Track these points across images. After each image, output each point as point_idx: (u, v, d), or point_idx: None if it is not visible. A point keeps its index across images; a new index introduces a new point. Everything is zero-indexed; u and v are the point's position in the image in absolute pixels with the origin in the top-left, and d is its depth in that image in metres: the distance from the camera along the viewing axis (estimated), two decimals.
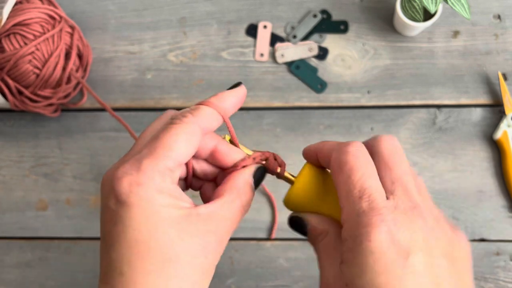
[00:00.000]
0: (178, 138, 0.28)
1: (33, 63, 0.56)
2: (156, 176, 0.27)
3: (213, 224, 0.28)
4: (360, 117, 0.61)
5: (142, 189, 0.26)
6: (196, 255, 0.27)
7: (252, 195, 0.31)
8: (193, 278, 0.27)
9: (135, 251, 0.26)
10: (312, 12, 0.63)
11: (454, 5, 0.54)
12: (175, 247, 0.27)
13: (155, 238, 0.26)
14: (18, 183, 0.63)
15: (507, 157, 0.58)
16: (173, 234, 0.27)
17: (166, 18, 0.65)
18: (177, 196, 0.28)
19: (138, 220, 0.26)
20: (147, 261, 0.26)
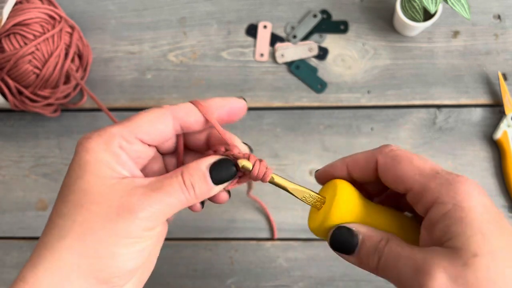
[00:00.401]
0: (144, 116, 0.30)
1: (33, 63, 0.56)
2: (105, 135, 0.29)
3: (143, 191, 0.28)
4: (360, 117, 0.61)
5: (88, 142, 0.29)
6: (109, 212, 0.27)
7: (206, 186, 0.30)
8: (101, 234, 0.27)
9: (60, 195, 0.29)
10: (312, 12, 0.63)
11: (454, 5, 0.54)
12: (92, 198, 0.28)
13: (76, 183, 0.28)
14: (18, 183, 0.63)
15: (507, 157, 0.58)
16: (95, 187, 0.28)
17: (166, 18, 0.65)
18: (120, 162, 0.29)
19: (73, 167, 0.29)
20: (64, 204, 0.28)
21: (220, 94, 0.62)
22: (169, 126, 0.31)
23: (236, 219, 0.61)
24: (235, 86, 0.62)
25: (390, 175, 0.29)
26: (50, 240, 0.27)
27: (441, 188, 0.27)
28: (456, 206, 0.26)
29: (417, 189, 0.27)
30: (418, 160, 0.28)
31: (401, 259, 0.26)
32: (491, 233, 0.25)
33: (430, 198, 0.27)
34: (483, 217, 0.25)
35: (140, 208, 0.27)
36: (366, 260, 0.29)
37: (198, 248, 0.61)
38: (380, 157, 0.30)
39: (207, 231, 0.61)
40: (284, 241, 0.60)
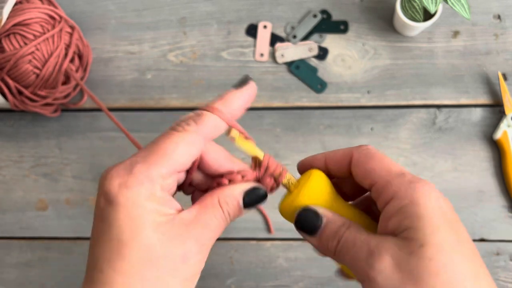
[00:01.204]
0: (177, 147, 0.28)
1: (33, 63, 0.56)
2: (146, 182, 0.27)
3: (193, 228, 0.29)
4: (360, 117, 0.61)
5: (130, 192, 0.27)
6: (175, 260, 0.28)
7: (239, 212, 0.31)
8: (171, 283, 0.28)
9: (115, 250, 0.27)
10: (312, 12, 0.63)
11: (454, 5, 0.54)
12: (155, 250, 0.27)
13: (136, 239, 0.27)
14: (18, 183, 0.63)
15: (507, 157, 0.58)
16: (154, 238, 0.27)
17: (166, 18, 0.65)
18: (164, 203, 0.28)
19: (123, 221, 0.27)
20: (126, 261, 0.27)
21: (220, 94, 0.62)
22: (201, 149, 0.30)
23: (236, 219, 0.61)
24: None
25: (360, 170, 0.30)
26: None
27: (401, 185, 0.28)
28: (412, 202, 0.27)
29: (380, 184, 0.29)
30: (389, 160, 0.30)
31: (357, 242, 0.28)
32: (440, 228, 0.26)
33: (390, 193, 0.28)
34: (435, 214, 0.27)
35: (198, 250, 0.28)
36: (326, 242, 0.30)
37: None
38: (355, 153, 0.31)
39: None
40: (284, 241, 0.60)
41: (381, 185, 0.29)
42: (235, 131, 0.31)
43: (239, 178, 0.31)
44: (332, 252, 0.30)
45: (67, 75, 0.58)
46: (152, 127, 0.62)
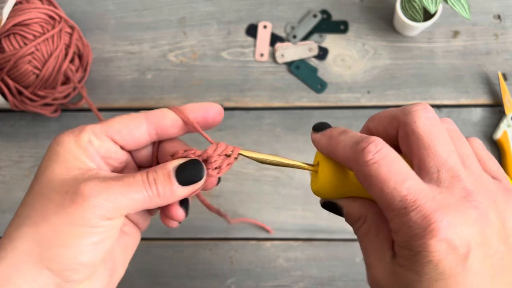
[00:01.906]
0: (119, 117, 0.31)
1: (33, 63, 0.56)
2: (77, 131, 0.30)
3: (101, 180, 0.27)
4: (360, 117, 0.61)
5: (60, 136, 0.30)
6: (64, 198, 0.27)
7: (169, 184, 0.28)
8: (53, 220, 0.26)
9: (31, 185, 0.29)
10: (312, 12, 0.63)
11: (454, 5, 0.54)
12: (51, 185, 0.28)
13: (44, 173, 0.28)
14: (18, 183, 0.63)
15: (507, 157, 0.58)
16: (58, 174, 0.28)
17: (166, 18, 0.65)
18: (88, 155, 0.29)
19: (43, 159, 0.29)
20: (29, 193, 0.28)
21: (220, 94, 0.62)
22: (143, 128, 0.31)
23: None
24: (235, 86, 0.62)
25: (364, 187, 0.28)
26: (9, 229, 0.27)
27: None
28: None
29: None
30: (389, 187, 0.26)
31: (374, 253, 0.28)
32: None
33: None
34: None
35: (95, 194, 0.27)
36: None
37: (198, 248, 0.61)
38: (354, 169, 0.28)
39: (207, 231, 0.61)
40: (284, 241, 0.60)
41: None
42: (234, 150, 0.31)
43: (180, 152, 0.30)
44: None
45: (67, 75, 0.58)
46: None
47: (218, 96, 0.62)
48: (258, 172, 0.61)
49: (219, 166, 0.31)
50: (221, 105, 0.34)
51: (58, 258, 0.26)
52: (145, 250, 0.61)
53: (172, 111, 0.32)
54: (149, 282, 0.61)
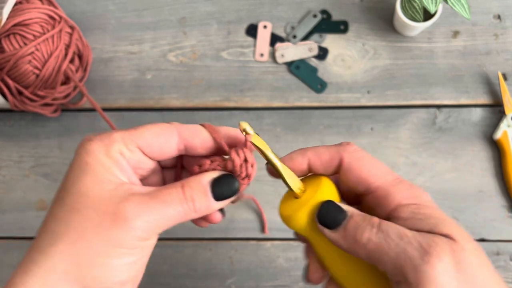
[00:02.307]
0: (149, 127, 0.30)
1: (33, 64, 0.56)
2: (106, 140, 0.28)
3: (138, 197, 0.27)
4: (360, 117, 0.61)
5: (89, 144, 0.28)
6: (103, 217, 0.26)
7: (206, 201, 0.29)
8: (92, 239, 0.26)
9: (57, 197, 0.28)
10: (312, 12, 0.63)
11: (454, 5, 0.54)
12: (86, 200, 0.27)
13: (75, 185, 0.27)
14: (18, 183, 0.63)
15: (507, 157, 0.58)
16: (91, 188, 0.27)
17: (166, 18, 0.65)
18: (119, 167, 0.28)
19: (72, 168, 0.28)
20: (60, 206, 0.28)
21: (220, 94, 0.62)
22: (173, 142, 0.30)
23: (236, 219, 0.61)
24: (235, 86, 0.62)
25: (354, 175, 0.30)
26: (43, 244, 0.27)
27: (402, 193, 0.28)
28: (420, 206, 0.27)
29: (380, 193, 0.29)
30: (380, 165, 0.30)
31: (404, 235, 0.26)
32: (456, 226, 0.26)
33: (393, 201, 0.28)
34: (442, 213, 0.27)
35: (135, 216, 0.26)
36: (353, 232, 0.27)
37: (198, 248, 0.61)
38: (346, 156, 0.30)
39: (207, 231, 0.61)
40: (284, 241, 0.60)
41: (381, 195, 0.29)
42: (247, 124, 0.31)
43: (207, 163, 0.30)
44: (362, 244, 0.27)
45: (67, 75, 0.58)
46: None
47: (218, 96, 0.62)
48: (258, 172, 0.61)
49: (248, 174, 0.31)
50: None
51: (95, 278, 0.26)
52: None
53: (207, 129, 0.31)
54: (149, 282, 0.61)
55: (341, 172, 0.30)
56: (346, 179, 0.30)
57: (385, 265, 0.26)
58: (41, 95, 0.58)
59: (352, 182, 0.30)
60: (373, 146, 0.60)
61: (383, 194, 0.28)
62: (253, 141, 0.31)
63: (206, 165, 0.30)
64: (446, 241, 0.25)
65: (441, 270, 0.24)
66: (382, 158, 0.60)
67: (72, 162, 0.28)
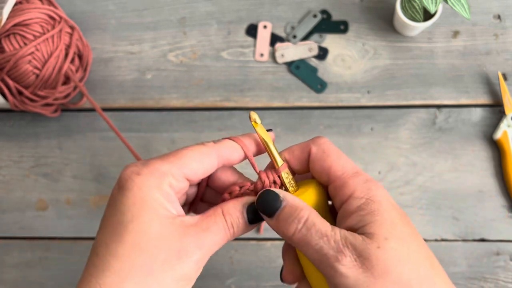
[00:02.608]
0: (191, 153, 0.31)
1: (33, 64, 0.56)
2: (156, 173, 0.29)
3: (193, 230, 0.29)
4: (360, 117, 0.61)
5: (139, 178, 0.29)
6: (169, 254, 0.28)
7: (243, 225, 0.31)
8: (160, 276, 0.27)
9: (114, 233, 0.28)
10: (312, 12, 0.63)
11: (454, 5, 0.54)
12: (150, 238, 0.28)
13: (135, 223, 0.28)
14: (18, 183, 0.63)
15: (507, 157, 0.58)
16: (153, 226, 0.28)
17: (166, 18, 0.65)
18: (169, 200, 0.29)
19: (127, 204, 0.28)
20: (121, 244, 0.28)
21: (220, 94, 0.62)
22: (214, 164, 0.32)
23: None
24: (235, 86, 0.62)
25: (318, 166, 0.31)
26: (108, 282, 0.27)
27: (358, 184, 0.30)
28: (369, 200, 0.29)
29: (338, 183, 0.30)
30: (345, 158, 0.31)
31: (324, 237, 0.28)
32: (398, 222, 0.28)
33: (347, 192, 0.30)
34: (391, 210, 0.29)
35: (196, 249, 0.28)
36: (283, 224, 0.30)
37: None
38: (313, 147, 0.32)
39: None
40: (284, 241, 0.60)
41: (339, 184, 0.30)
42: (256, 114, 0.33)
43: (237, 189, 0.33)
44: (289, 235, 0.30)
45: (67, 75, 0.58)
46: (152, 127, 0.62)
47: (218, 96, 0.62)
48: None
49: None
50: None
51: None
52: None
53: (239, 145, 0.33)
54: None
55: (309, 163, 0.32)
56: (312, 169, 0.32)
57: (309, 257, 0.29)
58: (42, 95, 0.58)
59: (317, 172, 0.32)
60: (373, 146, 0.60)
61: (340, 184, 0.30)
62: (258, 131, 0.33)
63: (236, 192, 0.33)
64: (361, 237, 0.28)
65: (349, 263, 0.27)
66: (382, 158, 0.60)
67: (123, 196, 0.29)
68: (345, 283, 0.27)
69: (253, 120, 0.33)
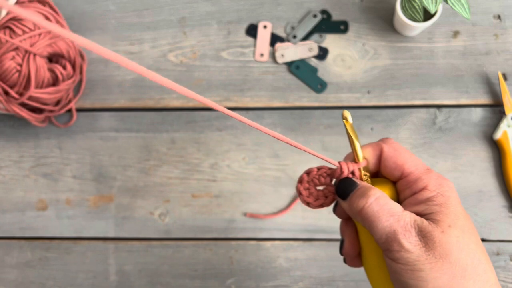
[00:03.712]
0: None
1: (16, 60, 0.54)
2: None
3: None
4: (360, 117, 0.61)
5: None
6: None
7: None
8: None
9: None
10: (312, 12, 0.63)
11: (454, 5, 0.54)
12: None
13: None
14: (18, 183, 0.63)
15: (507, 157, 0.58)
16: None
17: (166, 18, 0.65)
18: None
19: None
20: None
21: (220, 94, 0.62)
22: None
23: (236, 219, 0.61)
24: (235, 86, 0.62)
25: (392, 163, 0.34)
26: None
27: (431, 180, 0.33)
28: (439, 194, 0.32)
29: (412, 177, 0.33)
30: (414, 156, 0.35)
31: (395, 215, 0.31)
32: (461, 217, 0.31)
33: (421, 185, 0.33)
34: (457, 205, 0.32)
35: None
36: (355, 200, 0.32)
37: (198, 248, 0.61)
38: (385, 146, 0.34)
39: (207, 231, 0.61)
40: (284, 241, 0.60)
41: (412, 179, 0.33)
42: (349, 113, 0.35)
43: (315, 170, 0.35)
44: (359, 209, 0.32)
45: (56, 76, 0.58)
46: (152, 127, 0.62)
47: (218, 96, 0.62)
48: (258, 172, 0.61)
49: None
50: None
51: None
52: (145, 250, 0.61)
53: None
54: (149, 282, 0.61)
55: (381, 160, 0.35)
56: (385, 166, 0.34)
57: (376, 231, 0.31)
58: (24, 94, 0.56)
59: (390, 168, 0.34)
60: None
61: (414, 179, 0.33)
62: (347, 127, 0.35)
63: (314, 173, 0.35)
64: (428, 224, 0.30)
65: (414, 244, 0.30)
66: None
67: None
68: (407, 257, 0.29)
69: (344, 118, 0.35)
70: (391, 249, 0.30)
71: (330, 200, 0.36)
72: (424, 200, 0.32)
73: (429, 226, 0.30)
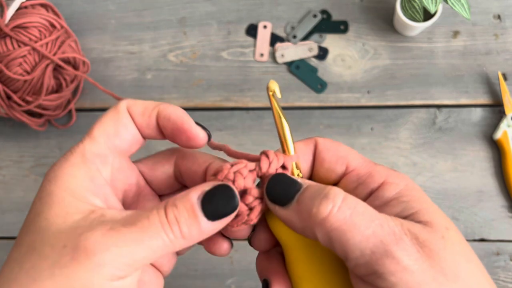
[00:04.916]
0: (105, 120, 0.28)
1: (23, 67, 0.55)
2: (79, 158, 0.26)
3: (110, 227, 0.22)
4: (360, 117, 0.61)
5: (52, 169, 0.25)
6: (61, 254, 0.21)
7: (195, 222, 0.23)
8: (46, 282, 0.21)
9: (18, 237, 0.23)
10: (312, 12, 0.63)
11: (454, 5, 0.54)
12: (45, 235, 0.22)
13: (36, 220, 0.23)
14: (18, 183, 0.63)
15: (507, 157, 0.58)
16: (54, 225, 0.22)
17: (166, 18, 0.65)
18: (96, 191, 0.24)
19: (35, 200, 0.24)
20: (19, 246, 0.23)
21: (220, 94, 0.62)
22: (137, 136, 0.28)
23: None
24: (235, 86, 0.62)
25: (332, 155, 0.27)
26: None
27: (387, 171, 0.26)
28: (407, 186, 0.25)
29: (361, 171, 0.26)
30: (354, 150, 0.28)
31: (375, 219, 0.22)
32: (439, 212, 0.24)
33: (379, 179, 0.25)
34: (427, 196, 0.25)
35: (102, 248, 0.21)
36: (309, 205, 0.23)
37: (198, 248, 0.61)
38: (320, 139, 0.28)
39: None
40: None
41: (363, 173, 0.26)
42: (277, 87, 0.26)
43: (227, 167, 0.24)
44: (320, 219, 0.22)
45: (60, 83, 0.58)
46: None
47: (218, 96, 0.62)
48: None
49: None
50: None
51: None
52: None
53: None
54: None
55: (317, 155, 0.27)
56: (323, 160, 0.27)
57: (350, 249, 0.22)
58: (29, 101, 0.57)
59: (330, 162, 0.27)
60: (373, 146, 0.60)
61: (365, 172, 0.26)
62: (274, 104, 0.27)
63: (226, 172, 0.23)
64: (422, 228, 0.22)
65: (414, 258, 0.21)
66: (382, 158, 0.60)
67: (35, 195, 0.24)
68: (409, 280, 0.20)
69: (272, 90, 0.25)
70: (381, 271, 0.21)
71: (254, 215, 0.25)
72: (393, 196, 0.24)
73: (424, 231, 0.22)
